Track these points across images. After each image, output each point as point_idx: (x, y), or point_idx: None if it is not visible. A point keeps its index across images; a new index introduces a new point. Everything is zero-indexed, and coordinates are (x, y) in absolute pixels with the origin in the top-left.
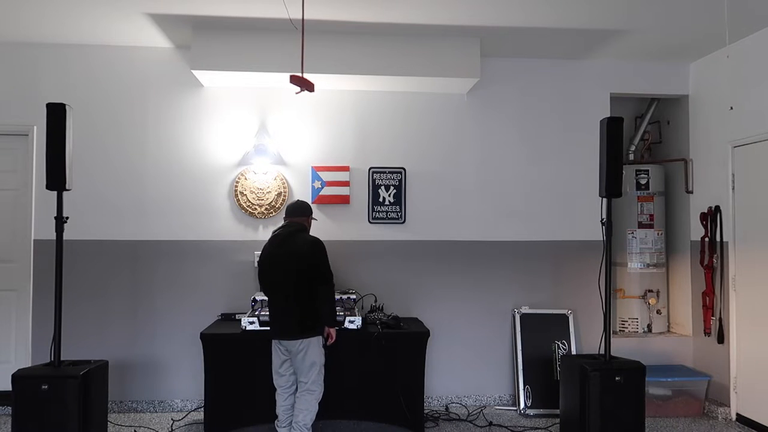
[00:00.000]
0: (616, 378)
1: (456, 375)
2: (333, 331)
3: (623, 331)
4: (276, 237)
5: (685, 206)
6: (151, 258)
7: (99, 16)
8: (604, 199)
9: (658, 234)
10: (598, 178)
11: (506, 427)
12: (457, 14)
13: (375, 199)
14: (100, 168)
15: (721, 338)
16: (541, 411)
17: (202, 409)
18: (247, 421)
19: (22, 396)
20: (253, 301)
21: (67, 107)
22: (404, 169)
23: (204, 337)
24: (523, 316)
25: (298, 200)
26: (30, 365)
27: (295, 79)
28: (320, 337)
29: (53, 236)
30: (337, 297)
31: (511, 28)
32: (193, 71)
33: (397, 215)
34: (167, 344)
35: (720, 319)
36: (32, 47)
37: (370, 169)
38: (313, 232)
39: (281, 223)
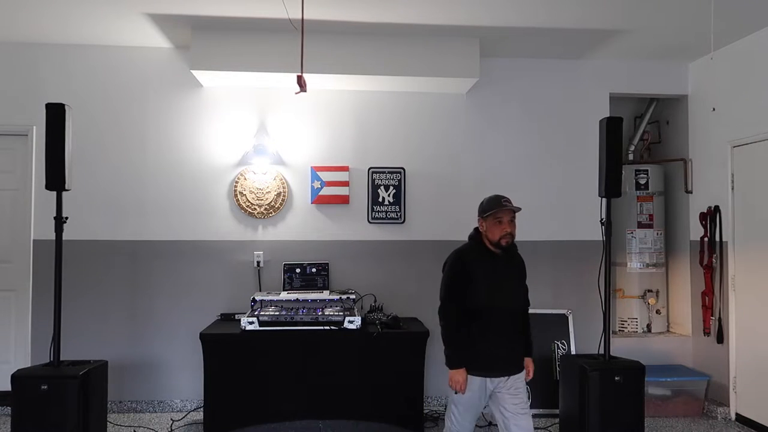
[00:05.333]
0: (616, 378)
1: None
2: (450, 374)
3: (623, 331)
4: None
5: (684, 206)
6: (151, 258)
7: (98, 17)
8: (604, 199)
9: (657, 234)
10: (598, 178)
11: None
12: (457, 14)
13: (374, 199)
14: (100, 168)
15: (720, 338)
16: (541, 411)
17: (202, 409)
18: (246, 421)
19: (22, 396)
20: (252, 301)
21: (66, 107)
22: (404, 169)
23: (203, 337)
24: None
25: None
26: (29, 365)
27: (302, 80)
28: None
29: (53, 236)
30: (336, 297)
31: (510, 28)
32: (193, 71)
33: (397, 215)
34: (167, 344)
35: (719, 319)
36: (31, 47)
37: (369, 169)
38: (312, 231)
39: (280, 223)
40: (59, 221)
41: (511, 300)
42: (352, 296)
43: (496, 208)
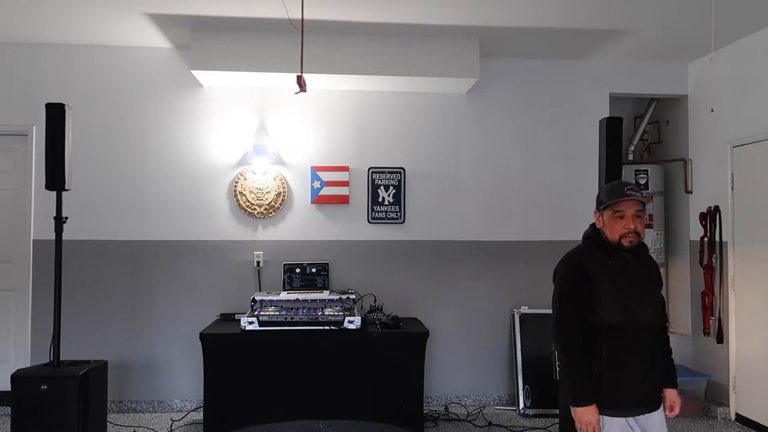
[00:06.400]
0: None
1: (455, 375)
2: (576, 413)
3: None
4: None
5: (684, 206)
6: (151, 258)
7: (98, 17)
8: None
9: (657, 234)
10: (598, 178)
11: (506, 427)
12: (457, 14)
13: (374, 199)
14: (100, 168)
15: (720, 338)
16: (541, 411)
17: (202, 409)
18: (246, 421)
19: (22, 396)
20: (252, 301)
21: (66, 107)
22: (403, 169)
23: (203, 337)
24: (523, 316)
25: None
26: (29, 365)
27: (301, 80)
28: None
29: (52, 236)
30: (336, 297)
31: (510, 28)
32: (193, 71)
33: (397, 215)
34: (166, 344)
35: (719, 319)
36: (31, 47)
37: (369, 169)
38: (312, 231)
39: (280, 223)
40: (59, 221)
41: (651, 314)
42: (352, 296)
43: (616, 198)
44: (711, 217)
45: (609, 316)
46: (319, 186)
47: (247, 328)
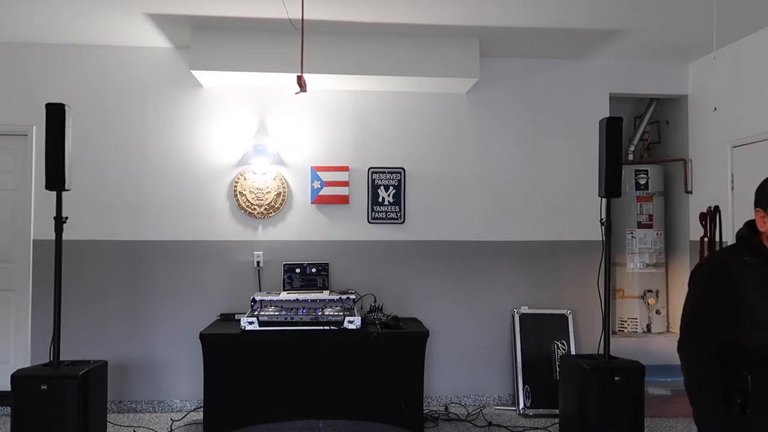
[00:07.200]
0: (615, 378)
1: (455, 375)
2: None
3: (622, 331)
4: None
5: (684, 206)
6: (151, 258)
7: (98, 16)
8: (604, 199)
9: (657, 234)
10: (598, 178)
11: (505, 427)
12: (457, 14)
13: (374, 199)
14: (100, 168)
15: None
16: (541, 411)
17: (202, 409)
18: (246, 421)
19: (21, 396)
20: (252, 301)
21: (66, 107)
22: (403, 169)
23: (203, 337)
24: (523, 316)
25: None
26: (29, 365)
27: (301, 80)
28: None
29: (52, 236)
30: (336, 297)
31: (510, 28)
32: (193, 71)
33: (397, 215)
34: (166, 344)
35: None
36: (31, 47)
37: (369, 169)
38: (312, 231)
39: (280, 223)
40: (59, 221)
41: None
42: (352, 296)
43: None
44: (711, 217)
45: (760, 338)
46: (319, 186)
47: (247, 328)
